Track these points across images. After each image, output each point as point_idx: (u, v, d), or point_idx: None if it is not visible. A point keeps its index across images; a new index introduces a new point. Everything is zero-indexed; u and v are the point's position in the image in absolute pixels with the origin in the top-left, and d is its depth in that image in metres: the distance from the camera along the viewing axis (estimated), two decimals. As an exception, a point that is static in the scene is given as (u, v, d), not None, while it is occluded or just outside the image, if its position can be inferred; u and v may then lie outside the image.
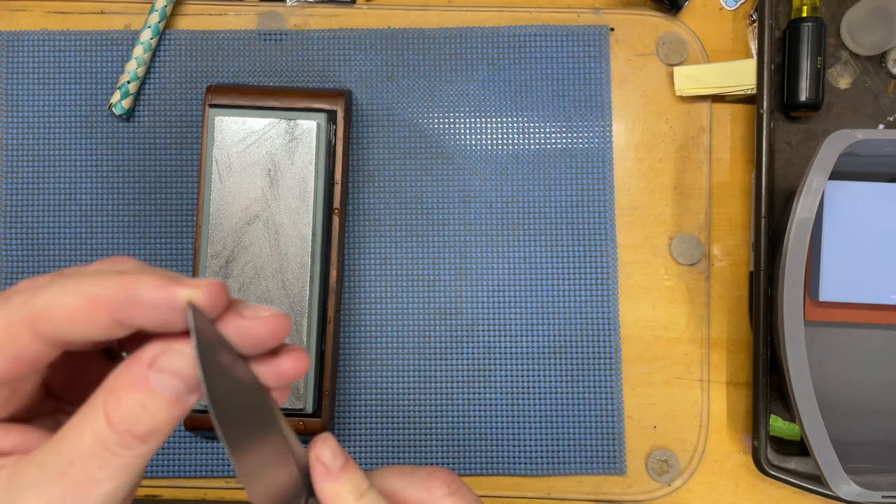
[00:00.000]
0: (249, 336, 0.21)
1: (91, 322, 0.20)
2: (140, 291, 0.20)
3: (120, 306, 0.20)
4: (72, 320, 0.20)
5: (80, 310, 0.20)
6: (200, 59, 0.49)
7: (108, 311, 0.20)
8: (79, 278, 0.20)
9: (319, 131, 0.43)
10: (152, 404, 0.20)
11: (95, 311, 0.20)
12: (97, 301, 0.20)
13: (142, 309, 0.20)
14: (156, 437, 0.20)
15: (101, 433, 0.19)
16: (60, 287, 0.20)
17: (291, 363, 0.22)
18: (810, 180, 0.39)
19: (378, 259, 0.48)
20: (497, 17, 0.50)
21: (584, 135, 0.49)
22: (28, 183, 0.49)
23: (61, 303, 0.20)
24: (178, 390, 0.20)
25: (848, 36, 0.48)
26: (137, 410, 0.19)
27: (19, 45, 0.49)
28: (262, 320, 0.21)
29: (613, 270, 0.48)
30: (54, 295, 0.20)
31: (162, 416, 0.20)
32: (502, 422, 0.47)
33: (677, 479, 0.47)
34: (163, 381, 0.20)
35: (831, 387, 0.47)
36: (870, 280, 0.44)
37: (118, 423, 0.19)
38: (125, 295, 0.20)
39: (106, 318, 0.20)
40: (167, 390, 0.20)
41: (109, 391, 0.20)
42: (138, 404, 0.20)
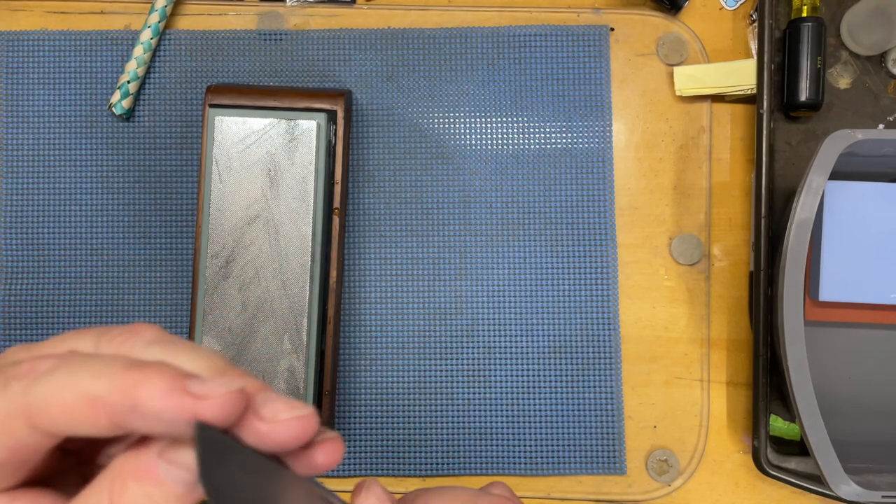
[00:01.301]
0: (269, 441, 0.19)
1: (90, 423, 0.19)
2: (143, 399, 0.18)
3: (120, 412, 0.18)
4: (69, 419, 0.19)
5: (79, 410, 0.18)
6: (200, 59, 0.49)
7: (108, 415, 0.18)
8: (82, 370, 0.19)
9: (319, 131, 0.43)
10: (160, 496, 0.18)
11: (95, 414, 0.18)
12: (97, 403, 0.18)
13: (144, 417, 0.18)
14: None
15: None
16: (61, 380, 0.19)
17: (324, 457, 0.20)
18: (810, 180, 0.39)
19: (378, 259, 0.48)
20: (497, 17, 0.50)
21: (584, 135, 0.49)
22: (28, 183, 0.49)
23: (60, 399, 0.18)
24: (187, 482, 0.19)
25: (848, 36, 0.48)
26: (143, 501, 0.18)
27: (19, 45, 0.49)
28: (282, 424, 0.19)
29: (613, 270, 0.48)
30: (53, 389, 0.18)
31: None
32: (502, 422, 0.47)
33: (677, 478, 0.47)
34: (172, 472, 0.19)
35: (831, 387, 0.47)
36: (870, 280, 0.44)
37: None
38: (127, 401, 0.18)
39: (106, 422, 0.19)
40: (176, 482, 0.19)
41: (116, 476, 0.19)
42: (144, 496, 0.18)
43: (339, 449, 0.20)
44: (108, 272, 0.48)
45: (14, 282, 0.48)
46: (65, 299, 0.48)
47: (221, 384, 0.19)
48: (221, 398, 0.18)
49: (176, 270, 0.48)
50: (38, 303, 0.48)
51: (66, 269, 0.48)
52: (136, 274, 0.48)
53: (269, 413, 0.19)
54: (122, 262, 0.48)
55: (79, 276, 0.48)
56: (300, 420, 0.19)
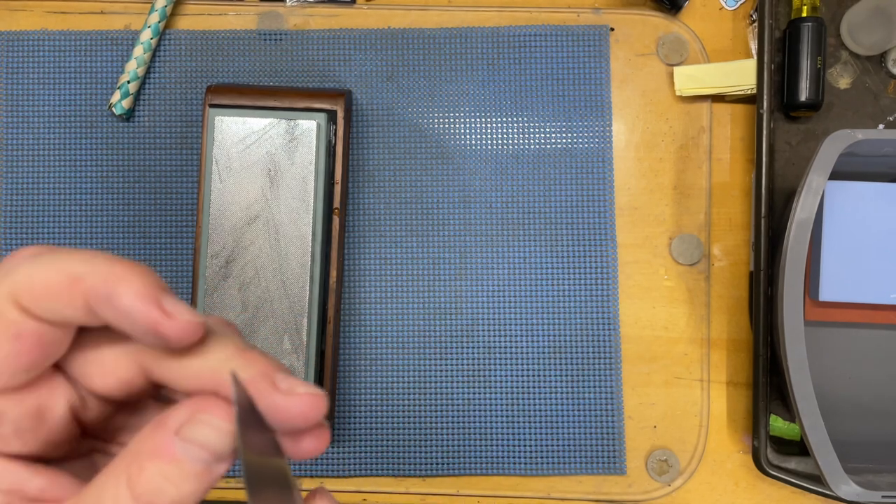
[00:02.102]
0: (281, 413, 0.20)
1: (67, 302, 0.19)
2: (120, 293, 0.18)
3: (96, 297, 0.18)
4: (50, 296, 0.18)
5: (59, 287, 0.18)
6: (200, 59, 0.49)
7: (85, 297, 0.18)
8: (67, 255, 0.19)
9: (319, 131, 0.43)
10: (177, 475, 0.18)
11: (73, 293, 0.18)
12: (77, 282, 0.18)
13: (115, 311, 0.18)
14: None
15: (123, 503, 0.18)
16: (45, 261, 0.19)
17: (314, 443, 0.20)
18: (810, 180, 0.39)
19: (378, 259, 0.48)
20: (497, 17, 0.50)
21: (584, 135, 0.49)
22: (28, 183, 0.49)
23: (43, 276, 0.18)
24: (205, 461, 0.19)
25: (848, 36, 0.48)
26: (161, 481, 0.18)
27: (19, 45, 0.49)
28: (298, 398, 0.20)
29: (613, 270, 0.48)
30: (36, 268, 0.19)
31: (187, 488, 0.18)
32: (502, 422, 0.47)
33: (677, 478, 0.47)
34: (189, 451, 0.18)
35: (831, 387, 0.47)
36: (870, 280, 0.44)
37: (140, 494, 0.18)
38: (104, 289, 0.18)
39: (81, 304, 0.19)
40: (194, 461, 0.18)
41: (133, 456, 0.19)
42: (162, 475, 0.18)
43: (326, 437, 0.21)
44: (108, 272, 0.48)
45: (14, 282, 0.48)
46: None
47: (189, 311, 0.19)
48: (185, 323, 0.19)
49: (176, 270, 0.48)
50: (38, 303, 0.48)
51: (66, 269, 0.48)
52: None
53: (286, 386, 0.20)
54: (122, 262, 0.48)
55: (79, 276, 0.48)
56: (315, 397, 0.20)
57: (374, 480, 0.47)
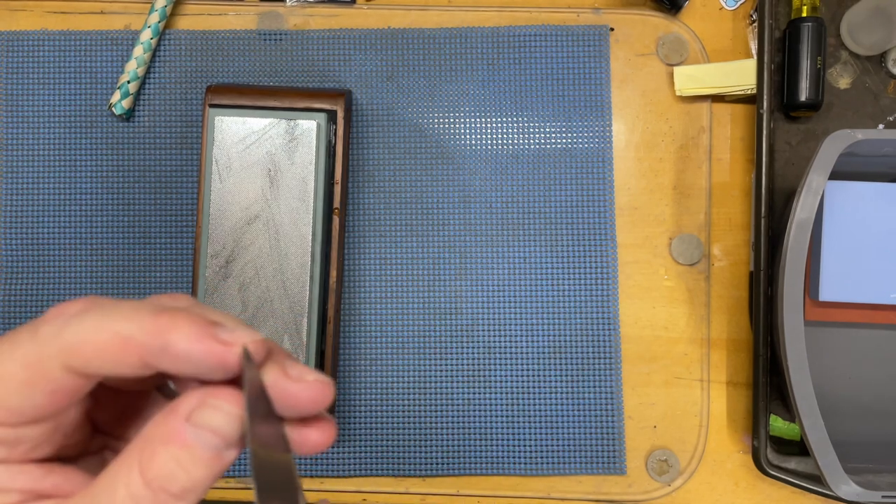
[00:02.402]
0: (291, 399, 0.20)
1: (122, 363, 0.19)
2: (174, 341, 0.19)
3: (151, 352, 0.19)
4: (102, 358, 0.19)
5: (112, 349, 0.19)
6: (200, 59, 0.49)
7: (140, 355, 0.19)
8: (113, 313, 0.19)
9: (319, 131, 0.43)
10: (188, 461, 0.19)
11: (127, 353, 0.19)
12: (128, 343, 0.19)
13: (173, 359, 0.19)
14: (192, 494, 0.19)
15: (135, 489, 0.18)
16: (93, 321, 0.19)
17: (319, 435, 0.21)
18: (810, 180, 0.39)
19: (378, 259, 0.48)
20: (497, 17, 0.50)
21: (584, 135, 0.49)
22: (28, 183, 0.49)
23: (93, 339, 0.19)
24: (216, 447, 0.19)
25: (848, 36, 0.48)
26: (172, 466, 0.18)
27: (19, 45, 0.49)
28: (307, 384, 0.20)
29: (613, 270, 0.48)
30: (86, 330, 0.19)
31: (198, 473, 0.19)
32: (502, 422, 0.47)
33: (677, 478, 0.47)
34: (200, 436, 0.19)
35: (831, 387, 0.47)
36: (870, 280, 0.44)
37: (152, 479, 0.18)
38: (158, 342, 0.19)
39: (136, 361, 0.19)
40: (205, 446, 0.19)
41: (145, 443, 0.19)
42: (173, 460, 0.19)
43: (333, 430, 0.21)
44: (108, 272, 0.48)
45: (14, 282, 0.48)
46: (65, 299, 0.48)
47: (247, 333, 0.20)
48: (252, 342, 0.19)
49: (176, 270, 0.48)
50: (38, 303, 0.48)
51: (66, 269, 0.48)
52: (136, 274, 0.48)
53: (296, 373, 0.20)
54: (122, 262, 0.48)
55: (79, 276, 0.48)
56: (323, 385, 0.20)
57: (374, 480, 0.47)
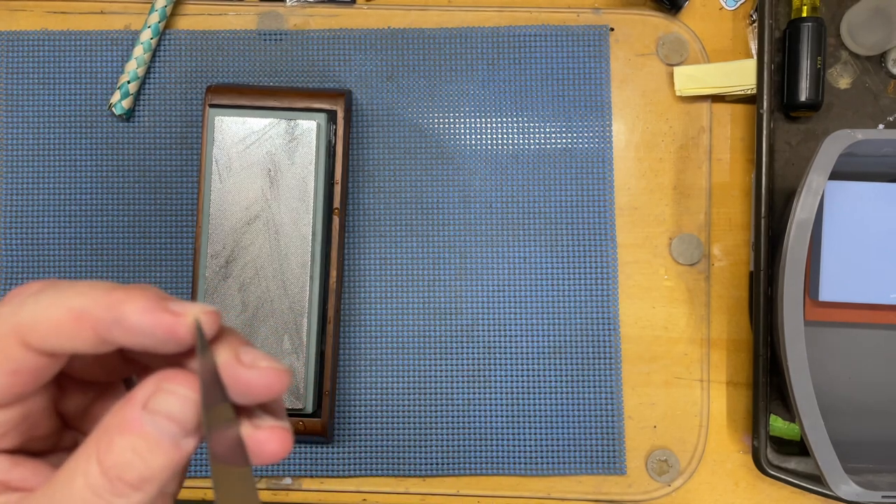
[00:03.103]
0: (243, 385, 0.20)
1: (77, 337, 0.19)
2: (127, 313, 0.19)
3: (105, 325, 0.19)
4: (58, 333, 0.19)
5: (66, 324, 0.19)
6: (200, 59, 0.49)
7: (93, 328, 0.19)
8: (68, 290, 0.19)
9: (319, 131, 0.43)
10: (145, 449, 0.18)
11: (80, 327, 0.19)
12: (82, 317, 0.19)
13: (126, 331, 0.19)
14: (150, 484, 0.19)
15: (93, 479, 0.18)
16: (47, 298, 0.19)
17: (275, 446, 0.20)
18: (810, 180, 0.39)
19: (378, 259, 0.48)
20: (497, 17, 0.50)
21: (584, 135, 0.49)
22: (28, 183, 0.49)
23: (47, 315, 0.19)
24: (172, 434, 0.19)
25: (848, 36, 0.48)
26: (129, 455, 0.18)
27: (19, 45, 0.49)
28: (260, 371, 0.20)
29: (613, 270, 0.48)
30: (40, 307, 0.19)
31: (156, 462, 0.19)
32: (502, 422, 0.47)
33: (677, 479, 0.47)
34: (157, 423, 0.19)
35: (831, 387, 0.47)
36: (870, 280, 0.44)
37: (109, 468, 0.18)
38: (110, 315, 0.19)
39: (90, 335, 0.19)
40: (162, 434, 0.19)
41: (103, 433, 0.19)
42: (130, 448, 0.18)
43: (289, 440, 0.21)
44: (108, 272, 0.48)
45: (14, 282, 0.48)
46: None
47: (198, 306, 0.20)
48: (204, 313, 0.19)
49: (176, 270, 0.48)
50: (38, 303, 0.48)
51: (66, 269, 0.48)
52: (136, 274, 0.48)
53: (249, 359, 0.20)
54: (122, 262, 0.48)
55: (79, 276, 0.48)
56: (277, 372, 0.20)
57: (374, 480, 0.47)
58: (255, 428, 0.20)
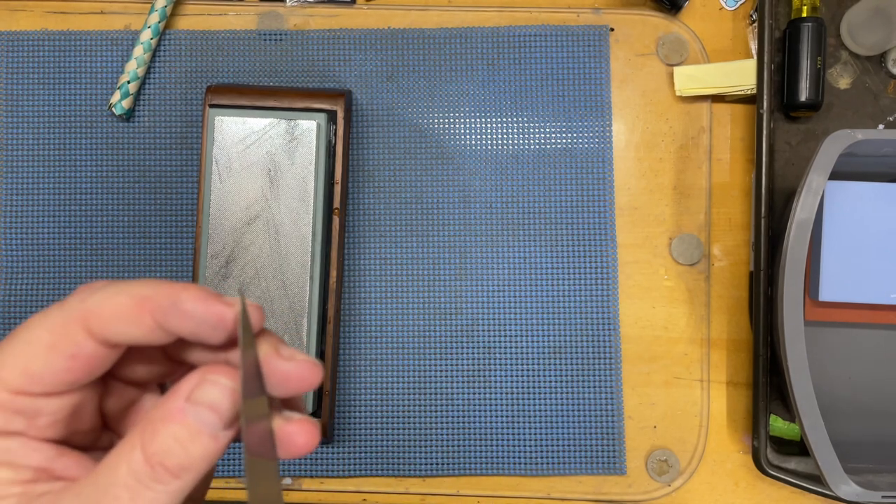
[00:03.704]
0: (282, 376, 0.21)
1: (136, 322, 0.21)
2: (183, 299, 0.21)
3: (162, 310, 0.21)
4: (120, 319, 0.21)
5: (128, 309, 0.21)
6: (200, 59, 0.49)
7: (152, 313, 0.21)
8: (132, 283, 0.21)
9: (319, 131, 0.43)
10: (186, 438, 0.20)
11: (141, 312, 0.21)
12: (143, 302, 0.21)
13: (182, 316, 0.21)
14: (188, 473, 0.20)
15: (136, 465, 0.20)
16: (113, 289, 0.21)
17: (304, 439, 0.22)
18: (810, 180, 0.39)
19: (378, 259, 0.48)
20: (497, 17, 0.50)
21: (584, 135, 0.49)
22: (28, 183, 0.49)
23: (112, 301, 0.21)
24: (213, 424, 0.20)
25: (848, 36, 0.48)
26: (171, 443, 0.20)
27: (19, 45, 0.49)
28: (298, 363, 0.22)
29: (613, 270, 0.48)
30: (106, 294, 0.21)
31: (195, 450, 0.20)
32: (502, 422, 0.47)
33: (677, 479, 0.47)
34: (199, 413, 0.20)
35: (831, 387, 0.47)
36: (870, 280, 0.44)
37: (151, 455, 0.20)
38: (169, 300, 0.21)
39: (149, 321, 0.21)
40: (202, 424, 0.20)
41: (147, 423, 0.20)
42: (172, 437, 0.20)
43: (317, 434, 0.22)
44: (108, 272, 0.48)
45: (14, 282, 0.48)
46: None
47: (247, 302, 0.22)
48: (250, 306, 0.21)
49: (176, 270, 0.48)
50: (38, 303, 0.48)
51: (66, 269, 0.48)
52: (137, 274, 0.48)
53: (287, 353, 0.22)
54: (122, 262, 0.48)
55: (79, 276, 0.48)
56: (313, 365, 0.22)
57: (374, 480, 0.47)
58: (286, 421, 0.22)
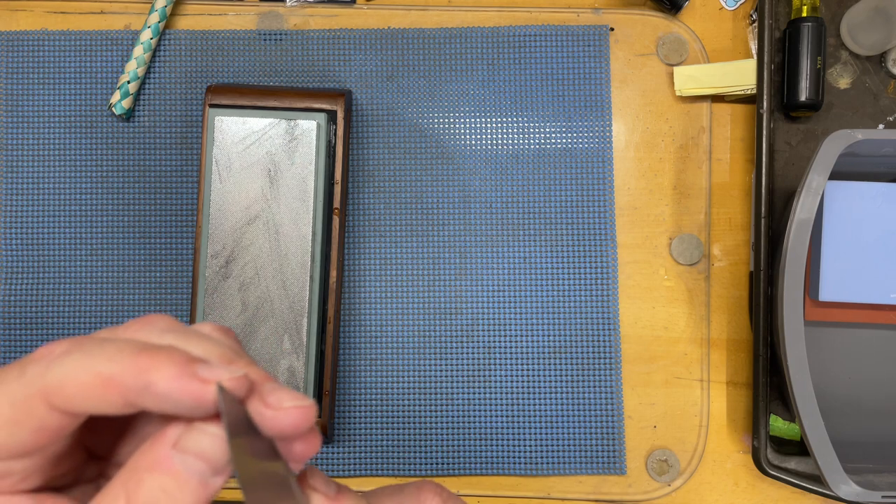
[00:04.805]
0: (272, 427, 0.20)
1: (104, 401, 0.19)
2: (155, 381, 0.19)
3: (133, 392, 0.19)
4: (85, 396, 0.19)
5: (93, 388, 0.19)
6: (200, 59, 0.49)
7: (121, 394, 0.19)
8: (96, 353, 0.20)
9: (319, 131, 0.43)
10: (174, 488, 0.19)
11: (109, 392, 0.19)
12: (110, 383, 0.19)
13: (154, 398, 0.19)
14: None
15: None
16: (75, 361, 0.19)
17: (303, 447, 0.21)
18: (810, 180, 0.39)
19: (378, 259, 0.48)
20: (497, 17, 0.50)
21: (584, 135, 0.49)
22: (28, 183, 0.49)
23: (75, 379, 0.19)
24: (202, 473, 0.19)
25: (848, 36, 0.48)
26: (158, 495, 0.18)
27: (19, 45, 0.49)
28: (285, 412, 0.20)
29: (613, 270, 0.48)
30: (68, 370, 0.19)
31: (184, 500, 0.19)
32: (502, 422, 0.47)
33: (677, 478, 0.47)
34: (187, 462, 0.19)
35: (831, 387, 0.47)
36: (870, 280, 0.44)
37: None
38: (139, 382, 0.19)
39: (118, 399, 0.19)
40: (191, 473, 0.19)
41: (131, 472, 0.19)
42: (159, 488, 0.18)
43: (316, 442, 0.21)
44: (108, 272, 0.48)
45: (14, 282, 0.48)
46: (65, 299, 0.48)
47: (227, 370, 0.20)
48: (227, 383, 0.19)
49: (176, 270, 0.48)
50: (38, 303, 0.48)
51: (66, 269, 0.48)
52: (136, 274, 0.48)
53: (274, 401, 0.20)
54: (122, 262, 0.48)
55: (79, 276, 0.48)
56: (302, 410, 0.20)
57: (374, 480, 0.47)
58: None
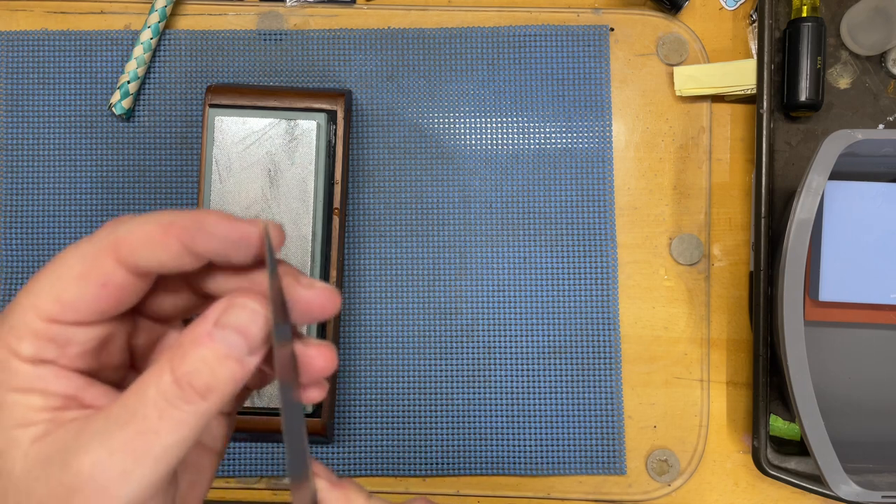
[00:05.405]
0: (304, 304, 0.23)
1: (164, 247, 0.21)
2: (208, 221, 0.22)
3: (189, 233, 0.21)
4: (148, 245, 0.21)
5: (155, 235, 0.21)
6: (200, 59, 0.49)
7: (179, 237, 0.21)
8: (157, 213, 0.22)
9: (319, 131, 0.43)
10: (214, 360, 0.21)
11: (167, 237, 0.21)
12: (170, 227, 0.21)
13: (208, 237, 0.22)
14: (214, 395, 0.21)
15: (164, 386, 0.20)
16: (140, 218, 0.22)
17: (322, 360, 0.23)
18: (810, 180, 0.39)
19: (378, 259, 0.48)
20: (497, 17, 0.50)
21: (584, 135, 0.49)
22: (28, 183, 0.49)
23: (140, 229, 0.22)
24: (239, 347, 0.21)
25: (848, 36, 0.48)
26: (199, 365, 0.21)
27: (19, 45, 0.49)
28: (318, 290, 0.23)
29: (613, 270, 0.48)
30: (134, 224, 0.22)
31: (222, 372, 0.21)
32: (502, 422, 0.47)
33: (677, 478, 0.47)
34: (226, 336, 0.21)
35: (831, 387, 0.47)
36: (870, 280, 0.44)
37: (181, 376, 0.20)
38: (194, 223, 0.22)
39: (176, 244, 0.21)
40: (230, 346, 0.21)
41: (178, 347, 0.21)
42: (200, 359, 0.21)
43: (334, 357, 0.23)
44: (108, 272, 0.48)
45: (14, 282, 0.48)
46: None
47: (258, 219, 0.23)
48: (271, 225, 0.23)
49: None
50: (38, 303, 0.48)
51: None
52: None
53: (307, 281, 0.23)
54: (122, 262, 0.48)
55: (79, 276, 0.48)
56: (332, 292, 0.23)
57: (374, 480, 0.47)
58: (305, 346, 0.23)
